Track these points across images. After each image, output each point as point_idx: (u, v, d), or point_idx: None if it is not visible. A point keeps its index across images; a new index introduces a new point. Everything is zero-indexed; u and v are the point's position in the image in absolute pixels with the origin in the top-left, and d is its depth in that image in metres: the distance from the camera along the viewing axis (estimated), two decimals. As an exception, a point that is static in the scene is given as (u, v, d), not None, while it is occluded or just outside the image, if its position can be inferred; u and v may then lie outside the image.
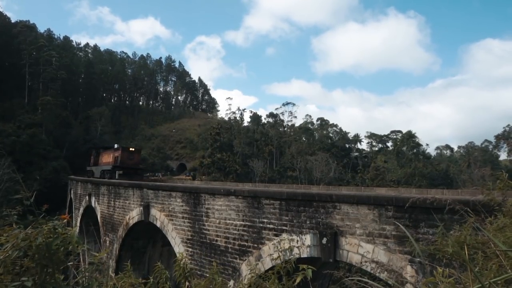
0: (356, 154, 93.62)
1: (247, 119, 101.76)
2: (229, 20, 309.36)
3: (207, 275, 11.88)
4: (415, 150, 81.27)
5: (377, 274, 7.35)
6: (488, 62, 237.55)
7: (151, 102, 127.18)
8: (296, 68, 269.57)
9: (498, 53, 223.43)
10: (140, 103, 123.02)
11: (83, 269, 2.90)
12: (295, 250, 9.54)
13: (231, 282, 10.83)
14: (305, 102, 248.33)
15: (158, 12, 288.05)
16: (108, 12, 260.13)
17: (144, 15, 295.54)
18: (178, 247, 13.82)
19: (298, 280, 3.73)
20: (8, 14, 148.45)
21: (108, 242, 19.82)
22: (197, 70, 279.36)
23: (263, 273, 4.85)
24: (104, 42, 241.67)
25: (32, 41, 74.49)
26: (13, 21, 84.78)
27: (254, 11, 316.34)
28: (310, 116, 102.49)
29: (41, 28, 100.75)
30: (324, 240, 8.82)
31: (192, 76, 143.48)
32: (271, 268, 4.57)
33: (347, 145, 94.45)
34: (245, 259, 10.96)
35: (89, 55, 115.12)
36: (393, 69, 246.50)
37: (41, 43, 75.09)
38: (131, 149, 31.51)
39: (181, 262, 5.06)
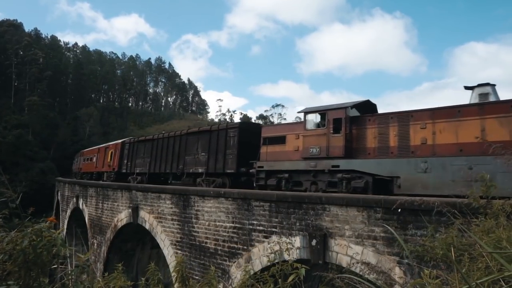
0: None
1: (237, 120, 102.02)
2: (212, 19, 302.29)
3: (196, 277, 11.82)
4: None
5: (366, 276, 7.40)
6: (472, 65, 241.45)
7: (140, 103, 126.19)
8: (283, 68, 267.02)
9: (482, 56, 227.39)
10: (130, 104, 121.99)
11: (68, 272, 2.86)
12: (284, 253, 9.55)
13: (221, 285, 10.78)
14: (294, 103, 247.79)
15: (142, 9, 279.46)
16: (88, 8, 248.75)
17: (127, 12, 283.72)
18: (167, 250, 13.72)
19: (290, 279, 3.72)
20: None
21: (96, 244, 19.56)
22: (183, 69, 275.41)
23: (258, 273, 4.77)
24: (87, 40, 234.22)
25: (18, 40, 73.44)
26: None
27: (236, 9, 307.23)
28: (300, 118, 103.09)
29: (28, 27, 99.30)
30: (314, 242, 8.84)
31: (180, 76, 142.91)
32: (265, 269, 4.52)
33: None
34: (235, 261, 10.93)
35: (78, 55, 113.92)
36: (380, 70, 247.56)
37: (26, 42, 73.98)
38: None
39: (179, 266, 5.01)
